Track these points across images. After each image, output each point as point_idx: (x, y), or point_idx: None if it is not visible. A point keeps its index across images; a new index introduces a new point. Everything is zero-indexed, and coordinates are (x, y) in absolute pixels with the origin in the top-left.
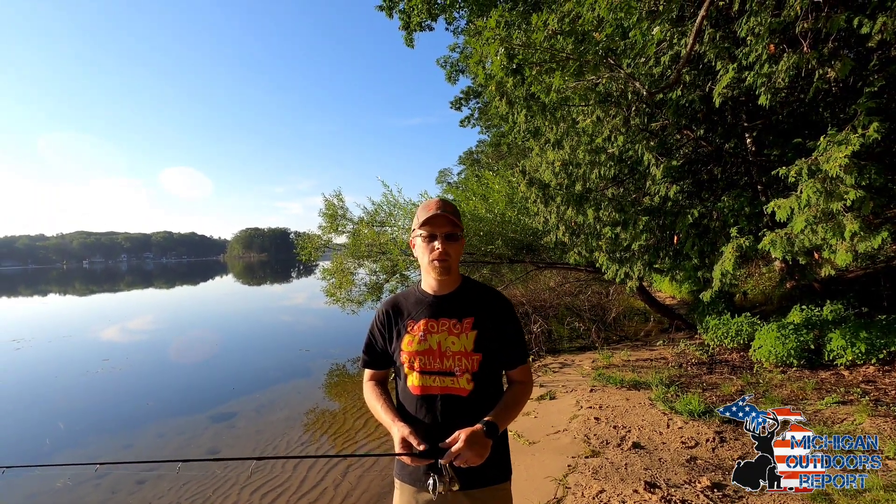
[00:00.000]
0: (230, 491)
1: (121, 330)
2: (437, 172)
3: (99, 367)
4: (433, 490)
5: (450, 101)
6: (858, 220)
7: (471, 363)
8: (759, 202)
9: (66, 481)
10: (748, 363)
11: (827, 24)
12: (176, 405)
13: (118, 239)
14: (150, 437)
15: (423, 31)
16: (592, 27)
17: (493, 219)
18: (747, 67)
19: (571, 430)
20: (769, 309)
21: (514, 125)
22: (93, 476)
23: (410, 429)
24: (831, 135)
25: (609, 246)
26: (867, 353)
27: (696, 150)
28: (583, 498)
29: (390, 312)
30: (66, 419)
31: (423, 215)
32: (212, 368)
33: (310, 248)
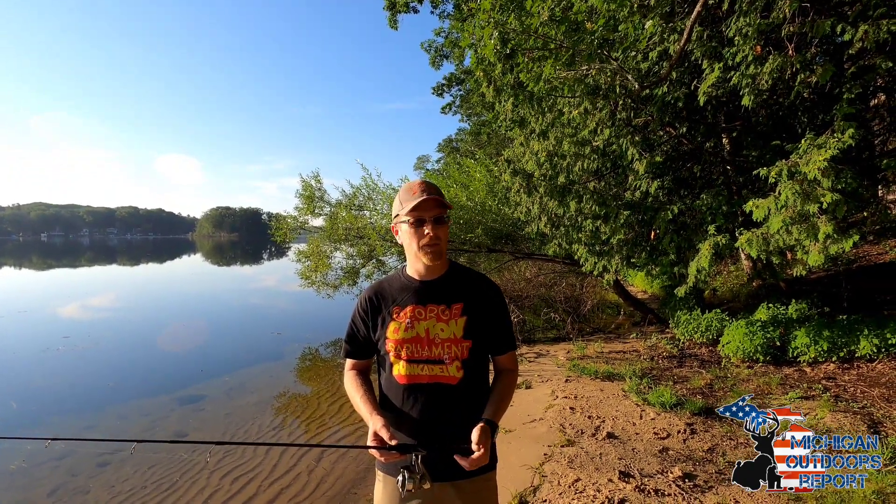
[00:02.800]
0: (199, 475)
1: (82, 307)
2: (416, 158)
3: (60, 344)
4: (402, 487)
5: (432, 87)
6: (832, 223)
7: (460, 350)
8: (736, 201)
9: (21, 463)
10: (717, 358)
11: (813, 28)
12: (140, 386)
13: (80, 212)
14: (112, 418)
15: (409, 14)
16: (585, 17)
17: (474, 207)
18: (733, 67)
19: (547, 419)
20: (737, 306)
21: (500, 113)
22: (51, 457)
23: (384, 422)
24: (811, 138)
25: (589, 238)
26: (829, 351)
27: (677, 147)
28: (559, 486)
29: (374, 299)
30: (21, 398)
31: (408, 200)
32: (179, 349)
33: (285, 230)
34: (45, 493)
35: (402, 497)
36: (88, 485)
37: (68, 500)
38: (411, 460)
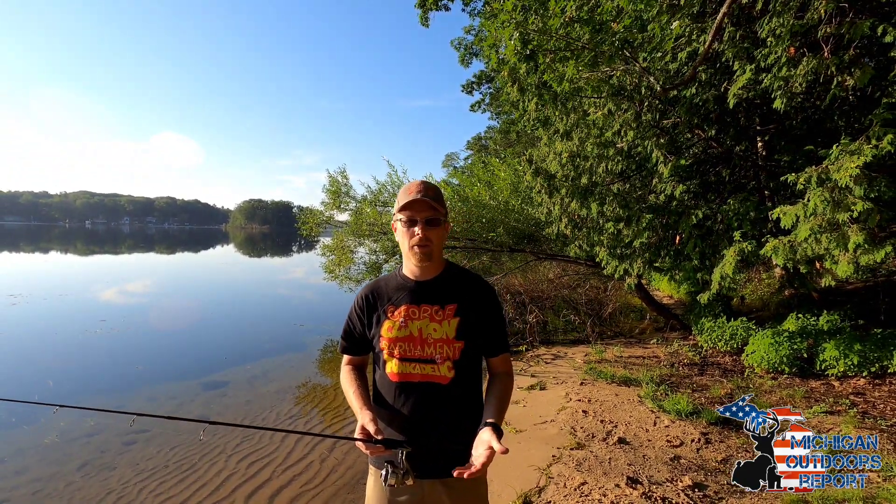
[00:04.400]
0: (217, 458)
1: (120, 292)
2: (444, 156)
3: (97, 327)
4: (385, 481)
5: (461, 85)
6: (864, 233)
7: (452, 351)
8: (764, 207)
9: (55, 438)
10: (740, 367)
11: (850, 30)
12: (170, 370)
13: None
14: (142, 399)
15: (440, 11)
16: (611, 17)
17: (497, 206)
18: (765, 69)
19: (559, 421)
20: (765, 315)
21: (525, 112)
22: (82, 434)
23: (372, 416)
24: (844, 144)
25: (610, 241)
26: (859, 365)
27: (706, 150)
28: (564, 488)
29: (370, 297)
30: (58, 378)
31: (402, 199)
32: (208, 336)
33: (311, 223)
34: (75, 467)
35: (386, 490)
36: (115, 461)
37: (95, 474)
38: (396, 455)
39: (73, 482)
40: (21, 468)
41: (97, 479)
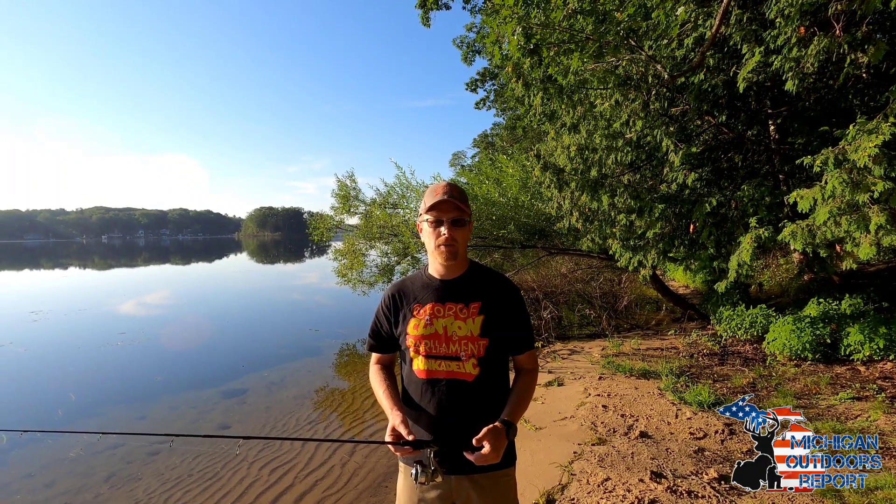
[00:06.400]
0: (240, 466)
1: (137, 304)
2: (451, 155)
3: (117, 339)
4: (416, 479)
5: (465, 83)
6: (885, 213)
7: (477, 348)
8: (780, 192)
9: (80, 451)
10: (761, 355)
11: (863, 6)
12: (189, 379)
13: (136, 215)
14: (163, 409)
15: (440, 10)
16: (614, 6)
17: (506, 203)
18: (775, 51)
19: (578, 417)
20: (785, 301)
21: (531, 107)
22: (107, 446)
23: (403, 417)
24: (861, 123)
25: (623, 233)
26: (885, 348)
27: (717, 136)
28: (588, 485)
29: (396, 296)
30: (81, 390)
31: (429, 200)
32: (224, 344)
33: (322, 229)
34: (102, 478)
35: (416, 487)
36: (140, 472)
37: (122, 486)
38: (425, 455)
39: (100, 493)
40: (49, 482)
41: (124, 490)
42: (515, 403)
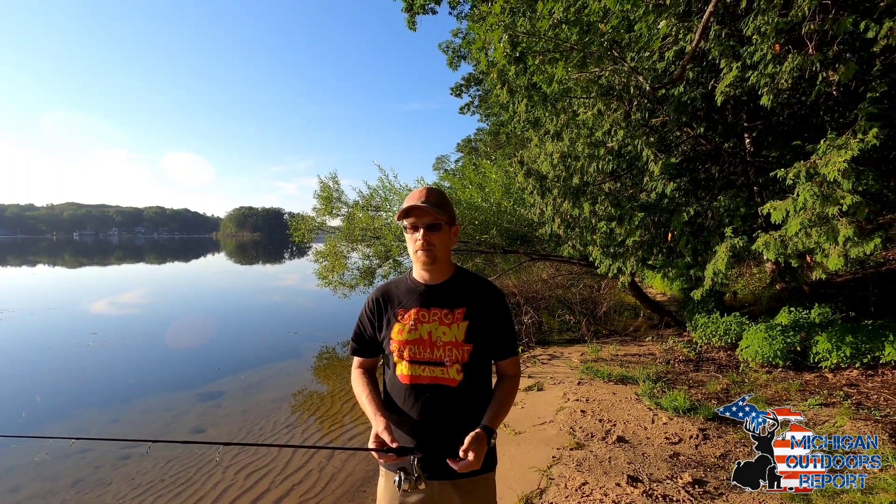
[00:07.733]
0: (214, 470)
1: (110, 304)
2: (435, 159)
3: (88, 340)
4: (398, 486)
5: (450, 88)
6: (853, 226)
7: (461, 354)
8: (754, 203)
9: (45, 456)
10: (735, 362)
11: (833, 26)
12: (164, 381)
13: (109, 212)
14: (136, 412)
15: (427, 14)
16: (598, 18)
17: (489, 208)
18: (751, 67)
19: (557, 421)
20: (758, 309)
21: (515, 114)
22: (74, 451)
23: (386, 423)
24: (831, 139)
25: (603, 240)
26: (852, 356)
27: (695, 147)
28: (565, 489)
29: (380, 300)
30: (48, 393)
31: (406, 205)
32: (201, 346)
33: (303, 230)
34: (69, 483)
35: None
36: (110, 477)
37: (90, 491)
38: (408, 462)
39: (67, 499)
40: (14, 486)
41: (92, 496)
42: (497, 409)
